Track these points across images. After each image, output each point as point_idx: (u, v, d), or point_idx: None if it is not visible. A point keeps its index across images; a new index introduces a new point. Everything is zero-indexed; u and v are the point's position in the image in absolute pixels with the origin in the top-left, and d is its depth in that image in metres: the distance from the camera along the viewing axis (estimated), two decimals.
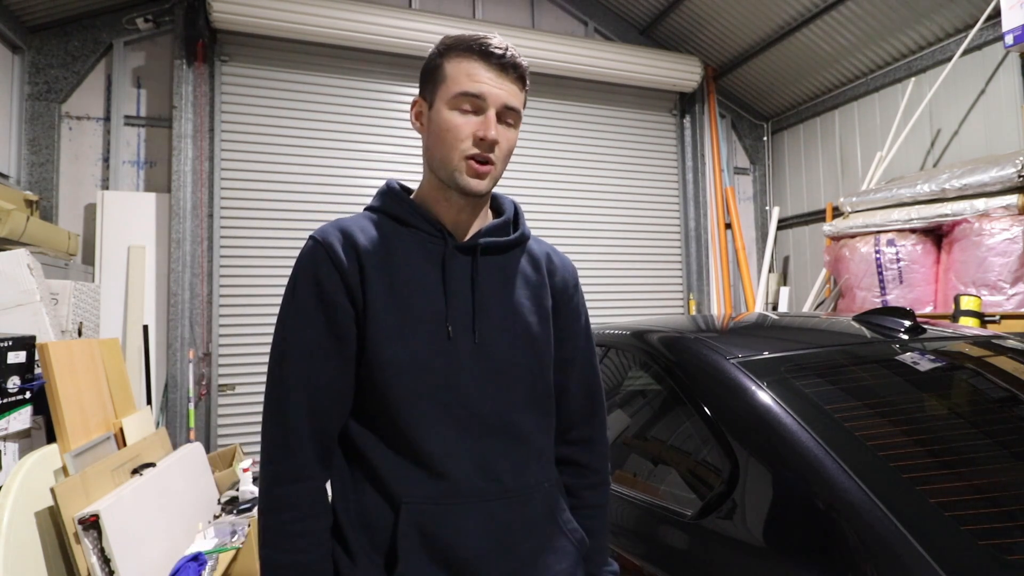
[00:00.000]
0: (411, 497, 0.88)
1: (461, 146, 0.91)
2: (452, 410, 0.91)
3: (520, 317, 0.98)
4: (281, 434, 0.89)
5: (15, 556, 1.76)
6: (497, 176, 0.95)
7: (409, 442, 0.90)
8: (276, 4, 4.06)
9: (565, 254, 1.15)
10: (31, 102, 3.91)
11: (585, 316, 1.12)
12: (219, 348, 4.13)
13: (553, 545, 0.96)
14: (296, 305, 0.92)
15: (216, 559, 2.25)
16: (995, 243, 3.34)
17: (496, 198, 1.08)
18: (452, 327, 0.92)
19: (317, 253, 0.92)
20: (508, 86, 0.93)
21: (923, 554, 0.86)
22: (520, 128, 1.00)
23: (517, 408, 0.96)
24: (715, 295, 5.50)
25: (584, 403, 1.09)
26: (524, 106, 0.99)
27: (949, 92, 4.18)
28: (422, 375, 0.90)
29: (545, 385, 1.01)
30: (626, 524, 1.36)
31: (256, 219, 4.26)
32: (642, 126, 5.48)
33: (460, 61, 0.92)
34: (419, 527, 0.88)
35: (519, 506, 0.93)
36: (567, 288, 1.08)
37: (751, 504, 1.10)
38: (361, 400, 0.93)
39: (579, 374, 1.09)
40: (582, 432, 1.09)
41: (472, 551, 0.88)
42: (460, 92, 0.91)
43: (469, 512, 0.89)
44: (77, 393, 2.29)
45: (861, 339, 1.57)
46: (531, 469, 0.96)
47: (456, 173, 0.92)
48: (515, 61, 0.93)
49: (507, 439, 0.94)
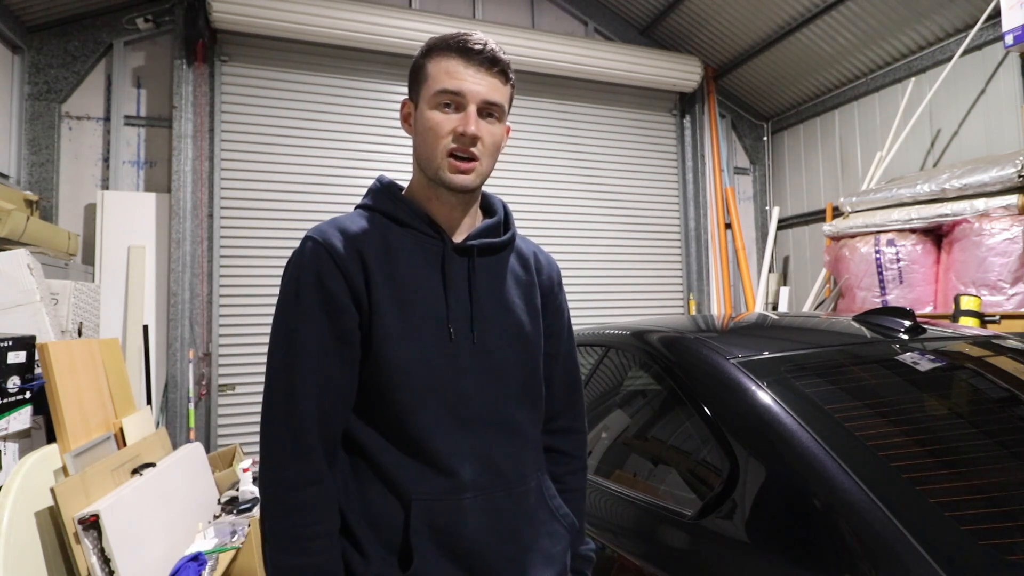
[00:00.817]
0: (420, 494, 0.90)
1: (442, 143, 0.93)
2: (455, 409, 0.94)
3: (513, 316, 1.02)
4: (290, 438, 0.89)
5: (15, 556, 1.76)
6: (484, 172, 0.97)
7: (416, 441, 0.91)
8: (276, 4, 4.06)
9: (556, 253, 1.17)
10: (31, 102, 3.91)
11: (567, 312, 1.18)
12: (219, 348, 4.13)
13: (548, 530, 1.01)
14: (301, 308, 0.91)
15: (216, 559, 2.25)
16: (995, 243, 3.34)
17: (486, 197, 1.10)
18: (453, 328, 0.95)
19: (320, 255, 0.92)
20: (489, 81, 0.94)
21: (923, 554, 0.86)
22: (508, 122, 1.02)
23: (512, 403, 1.00)
24: (715, 295, 5.50)
25: (566, 395, 1.15)
26: (511, 101, 1.00)
27: (949, 92, 4.18)
28: (427, 376, 0.92)
29: (536, 380, 1.05)
30: (626, 524, 1.36)
31: (256, 219, 4.26)
32: (642, 126, 5.48)
33: (440, 60, 0.94)
34: (430, 522, 0.90)
35: (519, 496, 0.97)
36: (552, 286, 1.13)
37: (751, 504, 1.10)
38: (366, 400, 0.94)
39: (561, 368, 1.14)
40: (564, 422, 1.15)
41: (479, 542, 0.92)
42: (439, 90, 0.93)
43: (475, 505, 0.92)
44: (77, 393, 2.29)
45: (861, 339, 1.57)
46: (526, 460, 1.01)
47: (440, 171, 0.94)
48: (495, 56, 0.94)
49: (504, 433, 0.98)
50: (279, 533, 0.88)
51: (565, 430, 1.15)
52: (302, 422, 0.88)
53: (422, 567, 0.88)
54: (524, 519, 0.97)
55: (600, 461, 1.61)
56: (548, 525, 1.02)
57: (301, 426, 0.88)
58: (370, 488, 0.92)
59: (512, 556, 0.95)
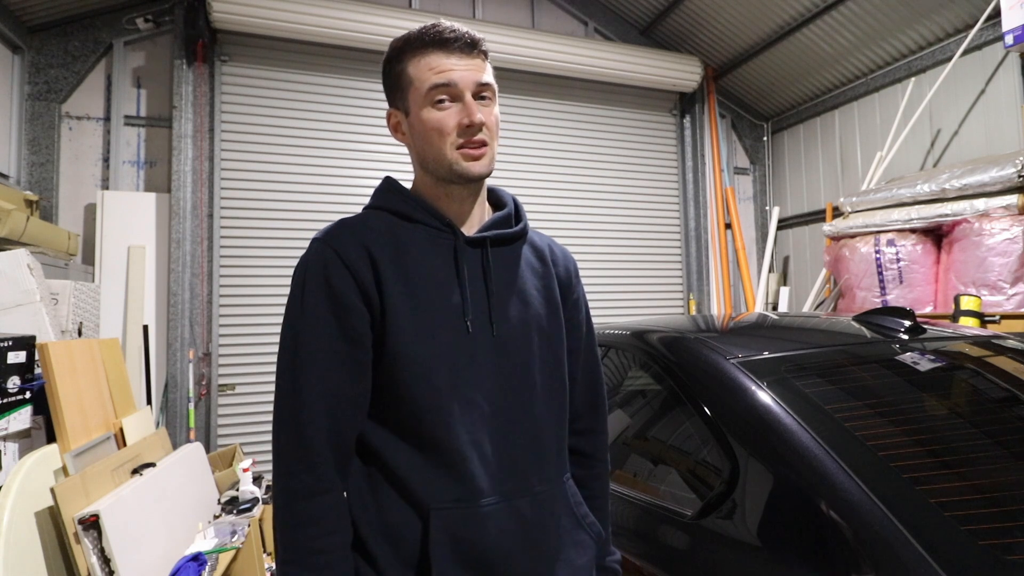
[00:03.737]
0: (439, 502, 0.86)
1: (450, 139, 0.90)
2: (476, 406, 0.89)
3: (533, 309, 0.98)
4: (299, 446, 0.85)
5: (15, 556, 1.76)
6: (493, 155, 0.95)
7: (435, 443, 0.87)
8: (276, 4, 4.06)
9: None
10: (31, 102, 3.91)
11: (586, 306, 1.13)
12: (219, 348, 4.13)
13: (574, 539, 0.96)
14: (307, 311, 0.88)
15: (216, 559, 2.25)
16: (995, 243, 3.34)
17: (494, 191, 1.07)
18: (471, 321, 0.91)
19: (326, 255, 0.89)
20: (473, 63, 0.92)
21: (923, 554, 0.86)
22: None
23: (537, 401, 0.95)
24: (715, 295, 5.49)
25: (588, 393, 1.10)
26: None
27: (949, 92, 4.18)
28: (445, 371, 0.88)
29: (560, 377, 1.01)
30: (626, 524, 1.36)
31: (256, 219, 4.26)
32: (642, 126, 5.48)
33: (419, 59, 0.92)
34: (451, 533, 0.85)
35: (543, 502, 0.93)
36: (570, 278, 1.09)
37: (751, 504, 1.10)
38: (381, 402, 0.90)
39: (583, 364, 1.09)
40: (587, 422, 1.10)
41: (502, 552, 0.87)
42: (431, 87, 0.90)
43: (496, 512, 0.88)
44: (77, 393, 2.28)
45: (861, 339, 1.57)
46: (552, 463, 0.96)
47: (453, 165, 0.91)
48: (471, 38, 0.93)
49: (529, 434, 0.93)
50: (288, 545, 0.85)
51: (588, 431, 1.10)
52: (309, 429, 0.85)
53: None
54: (548, 527, 0.92)
55: None
56: (574, 534, 0.96)
57: (307, 434, 0.85)
58: (385, 497, 0.88)
59: (536, 568, 0.90)
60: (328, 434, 0.86)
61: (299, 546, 0.84)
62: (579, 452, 1.09)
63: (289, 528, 0.85)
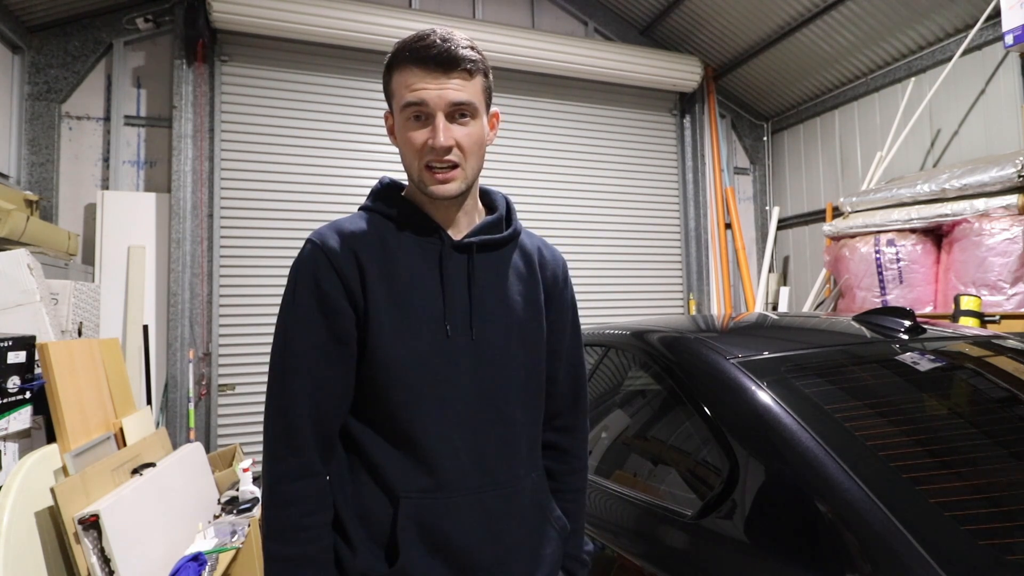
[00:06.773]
0: (409, 491, 0.92)
1: (418, 157, 0.93)
2: (450, 406, 0.94)
3: (514, 313, 1.01)
4: (286, 433, 0.92)
5: (15, 556, 1.76)
6: (470, 174, 0.96)
7: (408, 438, 0.93)
8: (276, 4, 4.06)
9: (556, 247, 1.17)
10: (31, 102, 3.91)
11: (573, 308, 1.16)
12: (219, 348, 4.13)
13: (539, 532, 1.02)
14: (297, 309, 0.93)
15: (216, 559, 2.25)
16: (995, 243, 3.34)
17: (488, 193, 1.09)
18: (450, 326, 0.95)
19: (317, 257, 0.93)
20: (451, 82, 0.90)
21: (923, 554, 0.86)
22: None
23: (510, 402, 0.99)
24: (715, 295, 5.50)
25: (569, 392, 1.14)
26: (488, 90, 0.97)
27: (949, 92, 4.18)
28: (422, 374, 0.93)
29: (537, 378, 1.05)
30: (626, 524, 1.36)
31: (256, 219, 4.26)
32: (642, 126, 5.48)
33: (401, 72, 0.93)
34: (417, 520, 0.91)
35: (508, 497, 0.98)
36: (557, 281, 1.11)
37: (751, 504, 1.10)
38: (361, 397, 0.96)
39: (566, 364, 1.13)
40: (567, 420, 1.14)
41: (466, 540, 0.93)
42: (403, 104, 0.92)
43: (463, 504, 0.93)
44: (77, 393, 2.28)
45: (861, 339, 1.57)
46: (521, 459, 1.00)
47: (422, 183, 0.95)
48: (451, 54, 0.90)
49: (499, 432, 0.98)
50: (273, 523, 0.91)
51: (567, 428, 1.14)
52: (296, 419, 0.91)
53: (407, 563, 0.90)
54: (514, 519, 0.97)
55: (600, 461, 1.61)
56: (539, 527, 1.02)
57: (294, 423, 0.91)
58: (362, 484, 0.94)
59: (499, 556, 0.95)
60: (313, 423, 0.92)
61: (284, 523, 0.90)
62: (558, 448, 1.13)
63: (275, 507, 0.91)
